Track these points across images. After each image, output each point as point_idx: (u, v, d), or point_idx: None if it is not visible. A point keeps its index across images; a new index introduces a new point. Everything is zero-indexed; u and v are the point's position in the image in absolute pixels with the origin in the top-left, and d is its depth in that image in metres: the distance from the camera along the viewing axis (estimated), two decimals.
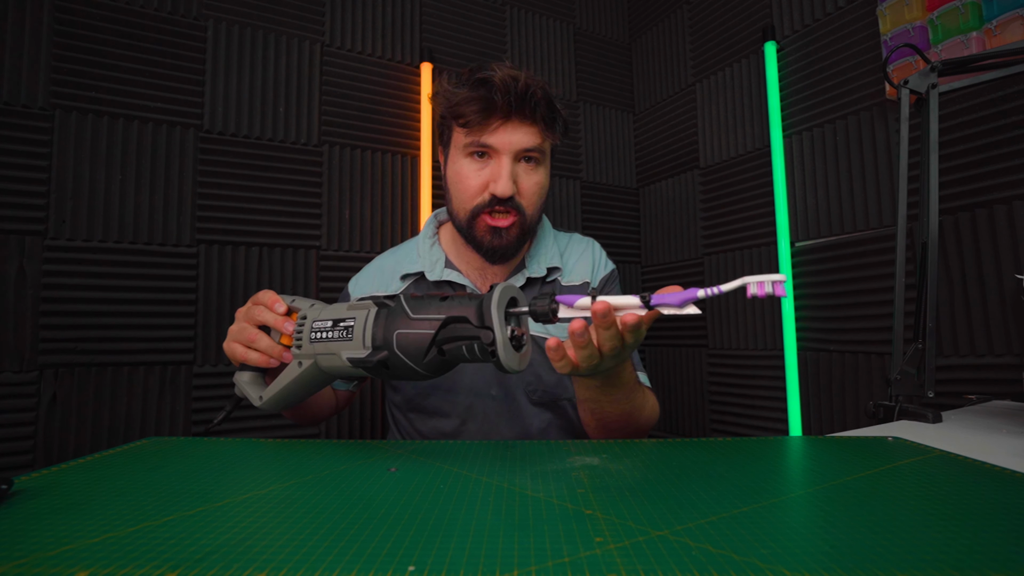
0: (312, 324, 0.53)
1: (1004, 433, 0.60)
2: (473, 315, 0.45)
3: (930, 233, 0.73)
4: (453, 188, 0.78)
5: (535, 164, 0.76)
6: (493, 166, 0.74)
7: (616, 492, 0.37)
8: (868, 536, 0.29)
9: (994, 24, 0.90)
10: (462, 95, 0.72)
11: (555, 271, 0.84)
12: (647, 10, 1.73)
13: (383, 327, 0.48)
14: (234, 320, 0.62)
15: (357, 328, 0.49)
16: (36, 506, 0.35)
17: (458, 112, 0.73)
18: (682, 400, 1.56)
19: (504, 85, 0.70)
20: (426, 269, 0.81)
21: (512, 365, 0.45)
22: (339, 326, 0.51)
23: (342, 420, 1.27)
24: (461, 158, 0.75)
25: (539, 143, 0.74)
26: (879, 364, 1.07)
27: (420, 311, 0.47)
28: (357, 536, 0.30)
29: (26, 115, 1.00)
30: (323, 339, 0.52)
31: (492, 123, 0.71)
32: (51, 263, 1.00)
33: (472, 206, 0.75)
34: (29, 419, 0.96)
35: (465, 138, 0.74)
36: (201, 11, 1.16)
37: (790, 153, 1.26)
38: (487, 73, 0.72)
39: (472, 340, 0.45)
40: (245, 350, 0.59)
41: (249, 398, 0.60)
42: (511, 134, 0.72)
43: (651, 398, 0.73)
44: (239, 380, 0.62)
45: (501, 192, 0.72)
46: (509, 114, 0.71)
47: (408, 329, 0.47)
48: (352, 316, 0.50)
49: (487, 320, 0.44)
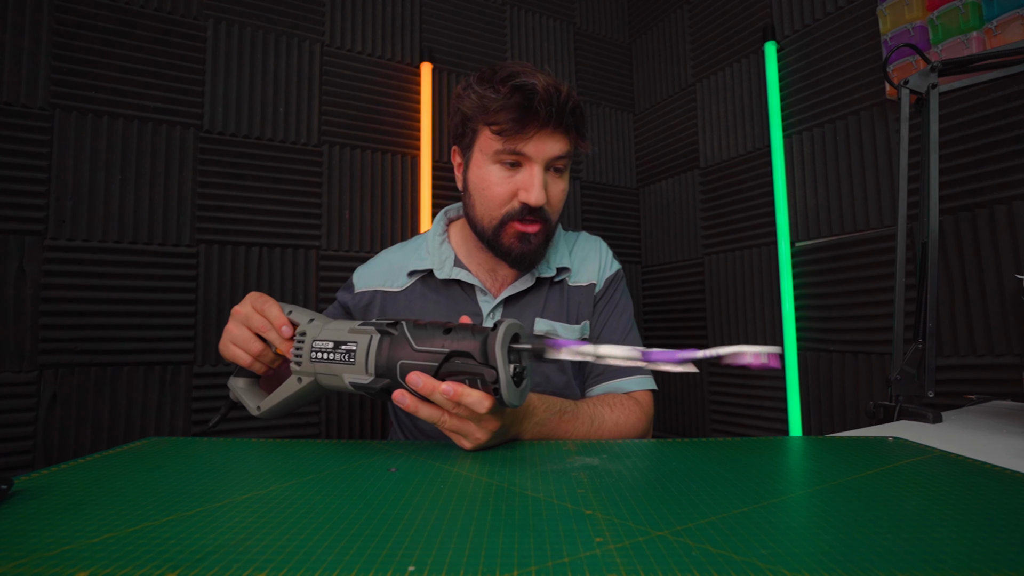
0: (312, 343, 0.54)
1: (1004, 433, 0.60)
2: (477, 351, 0.46)
3: (930, 233, 0.73)
4: (478, 194, 0.75)
5: (561, 171, 0.75)
6: (524, 174, 0.72)
7: (616, 492, 0.37)
8: (868, 536, 0.29)
9: (994, 24, 0.90)
10: (499, 101, 0.69)
11: (564, 271, 0.83)
12: (647, 10, 1.73)
13: (386, 355, 0.49)
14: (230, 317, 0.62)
15: (359, 353, 0.50)
16: (36, 506, 0.35)
17: (494, 119, 0.69)
18: (682, 400, 1.56)
19: (547, 95, 0.68)
20: (435, 267, 0.80)
21: (513, 401, 0.46)
22: (341, 349, 0.52)
23: (342, 420, 1.27)
24: (489, 164, 0.73)
25: (569, 151, 0.73)
26: (879, 364, 1.07)
27: (423, 342, 0.48)
28: (357, 536, 0.30)
29: (26, 115, 1.00)
30: (324, 359, 0.53)
31: (528, 131, 0.69)
32: (51, 263, 1.00)
33: (501, 214, 0.73)
34: (29, 419, 0.96)
35: (497, 144, 0.71)
36: (201, 11, 1.16)
37: (790, 153, 1.26)
38: (527, 80, 0.68)
39: (475, 377, 0.46)
40: (251, 360, 0.59)
41: (246, 407, 0.61)
42: (545, 143, 0.70)
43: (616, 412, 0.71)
44: (235, 387, 0.62)
45: (535, 202, 0.70)
46: (547, 124, 0.69)
47: (411, 360, 0.48)
48: (354, 341, 0.51)
49: (491, 359, 0.45)
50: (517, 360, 0.48)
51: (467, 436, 0.50)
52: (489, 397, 0.47)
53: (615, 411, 0.71)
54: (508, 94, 0.68)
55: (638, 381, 0.79)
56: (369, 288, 0.83)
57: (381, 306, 0.82)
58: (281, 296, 1.20)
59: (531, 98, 0.68)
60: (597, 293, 0.85)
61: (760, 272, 1.33)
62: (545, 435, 0.60)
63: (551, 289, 0.82)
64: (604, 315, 0.84)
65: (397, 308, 0.81)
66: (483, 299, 0.79)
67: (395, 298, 0.81)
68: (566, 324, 0.80)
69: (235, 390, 0.62)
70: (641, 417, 0.74)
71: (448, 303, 0.79)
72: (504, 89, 0.69)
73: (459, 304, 0.79)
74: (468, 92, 0.73)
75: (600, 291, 0.85)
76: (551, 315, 0.81)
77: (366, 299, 0.83)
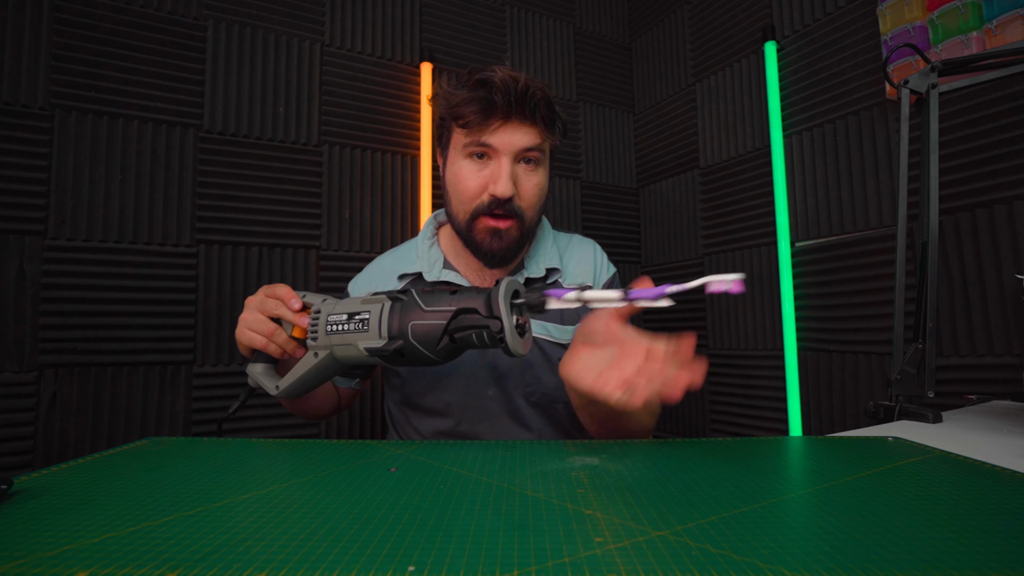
0: (327, 317, 0.57)
1: (1004, 433, 0.60)
2: (482, 306, 0.50)
3: (930, 233, 0.73)
4: (452, 190, 0.77)
5: (534, 165, 0.76)
6: (493, 167, 0.73)
7: (616, 492, 0.37)
8: (868, 536, 0.29)
9: (994, 24, 0.90)
10: (462, 96, 0.72)
11: (554, 272, 0.83)
12: (647, 10, 1.73)
13: (398, 319, 0.53)
14: (244, 308, 0.64)
15: (372, 320, 0.54)
16: (36, 506, 0.35)
17: (458, 113, 0.72)
18: (682, 400, 1.55)
19: (504, 85, 0.70)
20: (424, 270, 0.81)
21: (518, 349, 0.50)
22: (355, 319, 0.55)
23: (342, 420, 1.27)
24: (460, 159, 0.75)
25: (539, 143, 0.74)
26: (879, 364, 1.07)
27: (432, 304, 0.52)
28: (357, 536, 0.30)
29: (26, 115, 1.00)
30: (339, 331, 0.56)
31: (492, 123, 0.71)
32: (51, 263, 1.00)
33: (472, 207, 0.74)
34: (29, 419, 0.96)
35: (465, 138, 0.73)
36: (201, 11, 1.16)
37: (790, 153, 1.26)
38: (486, 74, 0.72)
39: (482, 328, 0.50)
40: (266, 341, 0.62)
41: (265, 388, 0.64)
42: (511, 134, 0.72)
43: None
44: (253, 371, 0.65)
45: (501, 192, 0.72)
46: (509, 114, 0.71)
47: (422, 320, 0.52)
48: (367, 309, 0.55)
49: (495, 311, 0.49)
50: (519, 313, 0.52)
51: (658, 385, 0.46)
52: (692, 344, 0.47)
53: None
54: (471, 88, 0.72)
55: None
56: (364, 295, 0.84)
57: None
58: None
59: (491, 89, 0.70)
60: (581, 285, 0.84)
61: (760, 272, 1.33)
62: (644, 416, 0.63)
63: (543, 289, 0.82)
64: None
65: None
66: None
67: None
68: (559, 325, 0.80)
69: (253, 375, 0.65)
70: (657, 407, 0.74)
71: None
72: (468, 84, 0.73)
73: None
74: (440, 93, 0.77)
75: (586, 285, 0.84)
76: (543, 317, 0.80)
77: None
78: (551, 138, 0.77)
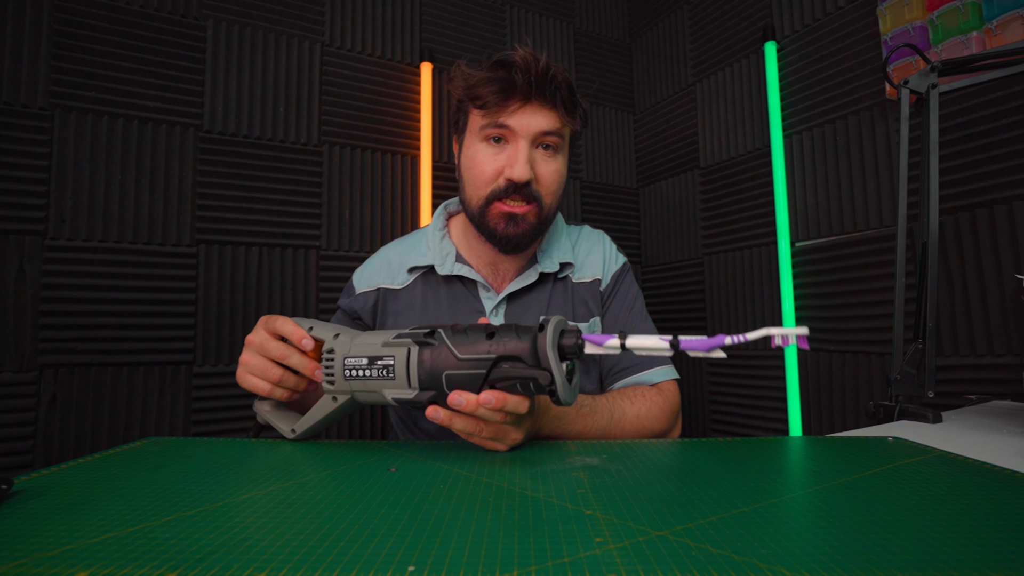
0: (344, 361, 0.51)
1: (1004, 433, 0.60)
2: (526, 353, 0.44)
3: (930, 233, 0.73)
4: (467, 174, 0.75)
5: (553, 151, 0.73)
6: (510, 150, 0.71)
7: (616, 492, 0.37)
8: (868, 536, 0.29)
9: (994, 24, 0.90)
10: (481, 76, 0.69)
11: (567, 267, 0.82)
12: (647, 10, 1.73)
13: (429, 366, 0.47)
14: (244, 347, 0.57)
15: (399, 368, 0.48)
16: (36, 506, 0.35)
17: (475, 93, 0.69)
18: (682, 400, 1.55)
19: (525, 65, 0.68)
20: (436, 263, 0.78)
21: (569, 400, 0.45)
22: (377, 364, 0.49)
23: (342, 420, 1.27)
24: (477, 142, 0.73)
25: (558, 127, 0.72)
26: (879, 364, 1.07)
27: (467, 349, 0.46)
28: (357, 536, 0.30)
29: (26, 115, 1.00)
30: (360, 377, 0.50)
31: (511, 104, 0.69)
32: (51, 263, 1.00)
33: (487, 192, 0.72)
34: (29, 419, 0.96)
35: (482, 120, 0.71)
36: (201, 11, 1.16)
37: (790, 153, 1.26)
38: (507, 53, 0.69)
39: (528, 380, 0.44)
40: (271, 388, 0.56)
41: (279, 430, 0.58)
42: (530, 116, 0.70)
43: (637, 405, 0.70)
44: (261, 409, 0.59)
45: (518, 176, 0.69)
46: (529, 96, 0.69)
47: (457, 370, 0.46)
48: (391, 355, 0.49)
49: (543, 362, 0.44)
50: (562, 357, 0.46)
51: (504, 439, 0.50)
52: (526, 398, 0.46)
53: (636, 403, 0.69)
54: (490, 69, 0.70)
55: (660, 372, 0.77)
56: (371, 287, 0.81)
57: (383, 304, 0.80)
58: (282, 295, 1.20)
59: (510, 69, 0.68)
60: (604, 289, 0.83)
61: (760, 272, 1.33)
62: (562, 432, 0.59)
63: (555, 286, 0.81)
64: (614, 311, 0.82)
65: (398, 306, 0.79)
66: (486, 296, 0.78)
67: (396, 295, 0.80)
68: (572, 321, 0.80)
69: (261, 414, 0.59)
70: (665, 407, 0.72)
71: (450, 300, 0.78)
72: (487, 65, 0.71)
73: (461, 301, 0.78)
74: (458, 74, 0.74)
75: (607, 287, 0.83)
76: (556, 312, 0.79)
77: (372, 299, 0.81)
78: (571, 123, 0.74)
